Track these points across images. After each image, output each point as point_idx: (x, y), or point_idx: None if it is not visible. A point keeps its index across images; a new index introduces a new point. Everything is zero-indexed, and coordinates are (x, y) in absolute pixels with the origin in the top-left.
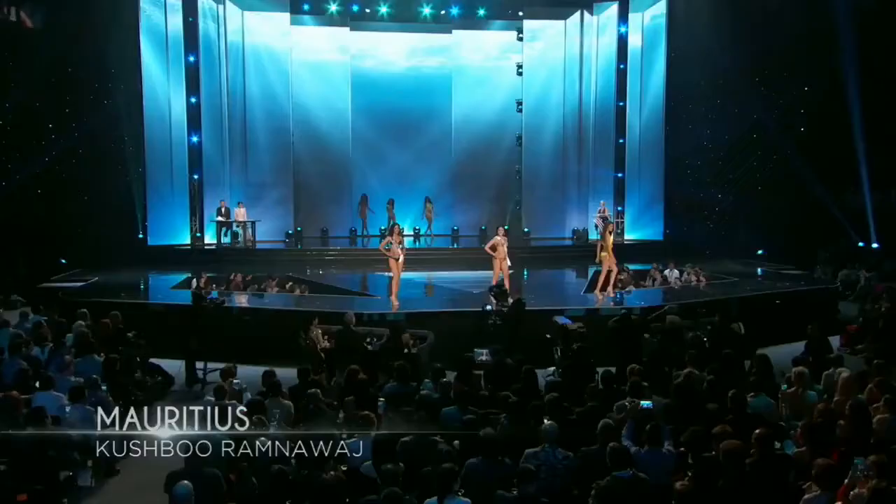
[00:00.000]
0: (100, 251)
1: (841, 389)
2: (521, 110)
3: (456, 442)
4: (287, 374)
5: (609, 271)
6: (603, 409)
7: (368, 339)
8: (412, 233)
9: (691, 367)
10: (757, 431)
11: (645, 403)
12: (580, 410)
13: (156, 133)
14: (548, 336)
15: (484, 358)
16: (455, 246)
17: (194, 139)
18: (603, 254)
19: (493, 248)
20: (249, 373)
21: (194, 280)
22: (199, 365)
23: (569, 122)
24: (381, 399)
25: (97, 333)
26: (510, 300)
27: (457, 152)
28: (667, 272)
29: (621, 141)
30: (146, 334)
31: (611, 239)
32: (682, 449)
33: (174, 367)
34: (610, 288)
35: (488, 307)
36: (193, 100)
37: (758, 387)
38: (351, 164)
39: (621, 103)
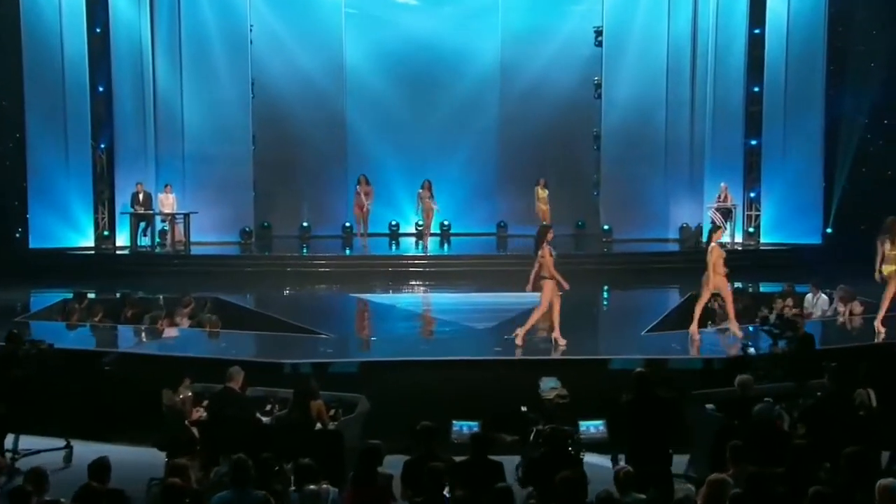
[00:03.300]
0: None
1: None
2: (600, 43)
3: None
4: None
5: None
6: None
7: (269, 407)
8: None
9: (733, 467)
10: None
11: None
12: None
13: (42, 80)
14: (523, 409)
15: None
16: (499, 252)
17: (100, 89)
18: (891, 267)
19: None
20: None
21: (68, 303)
22: (10, 441)
23: (674, 61)
24: None
25: None
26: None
27: (503, 111)
28: (808, 297)
29: (756, 89)
30: None
31: None
32: None
33: None
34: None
35: (751, 349)
36: (98, 30)
37: None
38: (347, 128)
39: (757, 30)
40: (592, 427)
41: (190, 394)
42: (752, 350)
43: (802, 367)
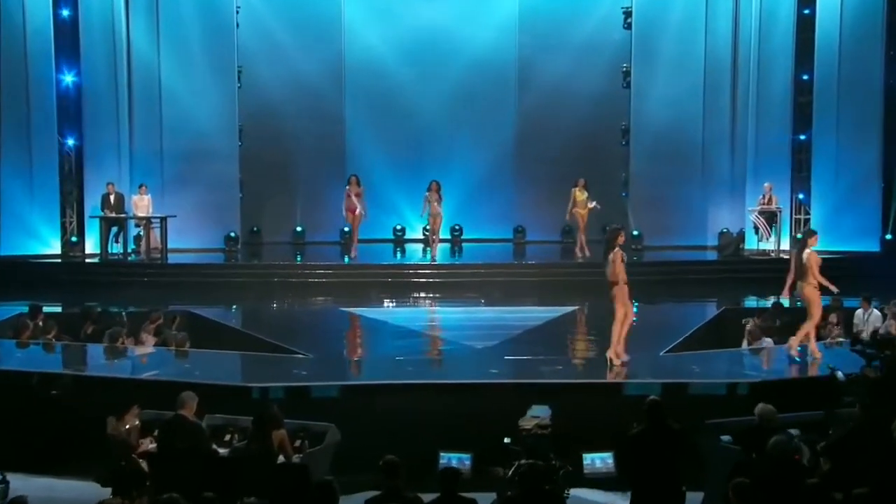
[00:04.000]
0: None
1: None
2: (629, 26)
3: None
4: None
5: None
6: None
7: (228, 437)
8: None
9: None
10: None
11: None
12: None
13: (1, 68)
14: (506, 440)
15: None
16: (515, 261)
17: (68, 78)
18: None
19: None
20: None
21: (21, 318)
22: None
23: (713, 46)
24: None
25: None
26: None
27: (521, 102)
28: (858, 313)
29: (805, 77)
30: None
31: None
32: None
33: None
34: None
35: (839, 373)
36: (67, 12)
37: None
38: (345, 123)
39: (807, 10)
40: (599, 460)
41: (137, 422)
42: (840, 373)
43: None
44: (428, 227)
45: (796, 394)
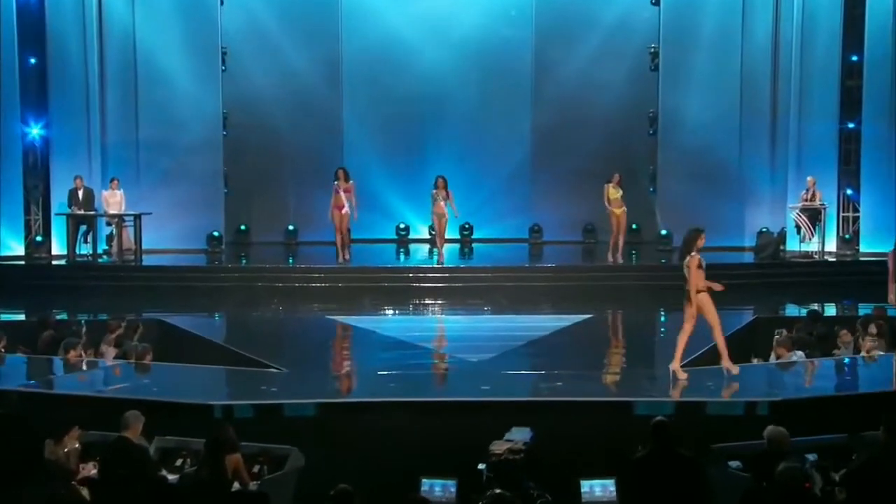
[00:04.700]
0: None
1: None
2: (657, 2)
3: None
4: None
5: None
6: None
7: (180, 462)
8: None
9: None
10: None
11: None
12: None
13: None
14: (480, 467)
15: None
16: (530, 264)
17: (32, 60)
18: None
19: None
20: None
21: None
22: None
23: (751, 23)
24: None
25: None
26: None
27: (537, 89)
28: None
29: (854, 58)
30: None
31: None
32: None
33: None
34: None
35: None
36: None
37: None
38: (343, 113)
39: None
40: (599, 487)
41: (77, 445)
42: None
43: None
44: (434, 228)
45: (825, 414)
